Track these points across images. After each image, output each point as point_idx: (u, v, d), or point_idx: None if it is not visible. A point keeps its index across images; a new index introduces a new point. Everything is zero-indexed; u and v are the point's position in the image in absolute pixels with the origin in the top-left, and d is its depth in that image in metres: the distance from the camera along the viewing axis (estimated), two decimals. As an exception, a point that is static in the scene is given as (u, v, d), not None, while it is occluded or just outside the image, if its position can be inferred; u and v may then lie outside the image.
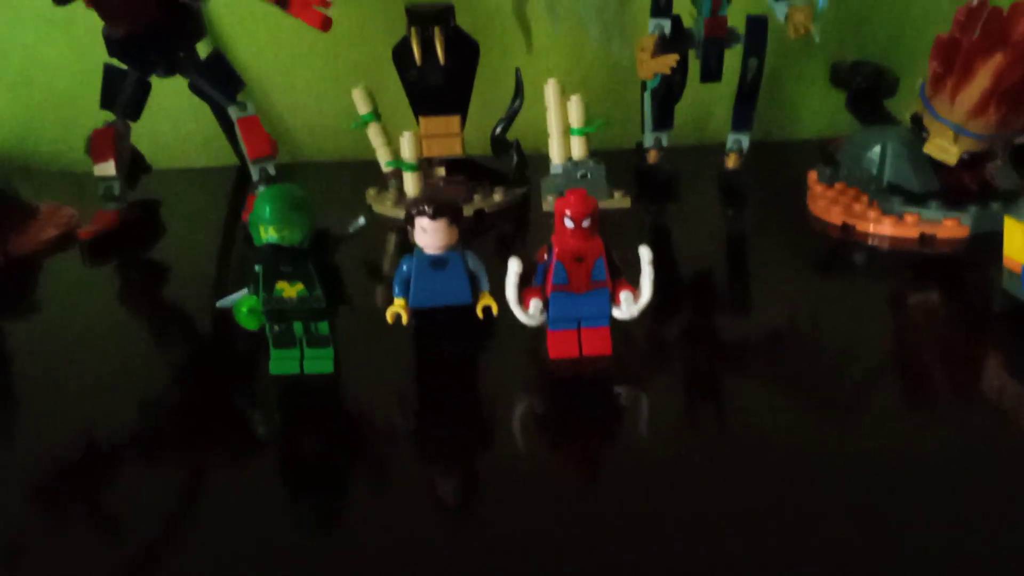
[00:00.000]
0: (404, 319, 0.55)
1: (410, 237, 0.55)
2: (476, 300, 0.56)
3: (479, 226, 0.80)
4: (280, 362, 0.55)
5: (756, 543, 0.40)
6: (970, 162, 0.72)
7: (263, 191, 0.51)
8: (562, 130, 0.81)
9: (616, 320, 0.55)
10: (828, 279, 0.70)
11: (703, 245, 0.76)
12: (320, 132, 1.04)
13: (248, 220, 0.54)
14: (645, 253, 0.53)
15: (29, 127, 1.03)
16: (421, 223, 0.53)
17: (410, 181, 0.83)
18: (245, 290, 0.54)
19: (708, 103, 0.99)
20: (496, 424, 0.51)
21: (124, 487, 0.46)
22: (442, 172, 0.84)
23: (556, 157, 0.82)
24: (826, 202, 0.77)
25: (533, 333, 0.56)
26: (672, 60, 0.76)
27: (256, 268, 0.52)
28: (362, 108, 0.83)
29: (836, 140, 0.84)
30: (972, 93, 0.68)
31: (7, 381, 0.59)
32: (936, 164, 0.73)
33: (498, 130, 0.84)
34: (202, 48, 0.82)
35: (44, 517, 0.44)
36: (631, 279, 0.54)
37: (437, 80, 0.80)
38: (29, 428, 0.53)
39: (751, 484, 0.44)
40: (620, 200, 0.82)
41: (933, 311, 0.64)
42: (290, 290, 0.52)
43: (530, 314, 0.54)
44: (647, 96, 0.85)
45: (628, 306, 0.54)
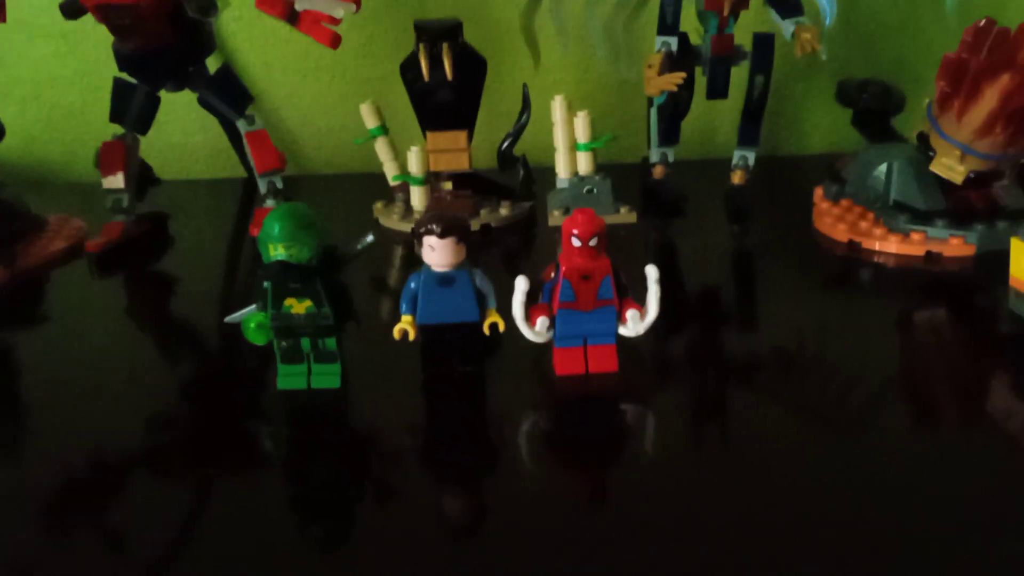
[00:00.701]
0: (411, 335, 0.55)
1: (417, 253, 0.55)
2: (483, 317, 0.56)
3: (485, 240, 0.80)
4: (288, 377, 0.55)
5: (764, 563, 0.40)
6: (976, 181, 0.72)
7: (273, 210, 0.51)
8: (568, 145, 0.81)
9: (622, 337, 0.55)
10: (833, 296, 0.70)
11: (708, 260, 0.77)
12: (328, 146, 1.04)
13: (256, 235, 0.54)
14: (652, 272, 0.53)
15: (38, 140, 1.04)
16: (429, 241, 0.53)
17: (417, 195, 0.83)
18: (253, 306, 0.54)
19: (714, 118, 1.00)
20: (502, 440, 0.51)
21: (131, 501, 0.47)
22: (449, 186, 0.84)
23: (562, 172, 0.82)
24: (832, 219, 0.77)
25: (540, 350, 0.56)
26: (679, 78, 0.77)
27: (265, 285, 0.52)
28: (370, 123, 0.84)
29: (842, 157, 0.84)
30: (979, 113, 0.68)
31: (15, 394, 0.59)
32: (942, 182, 0.73)
33: (505, 145, 0.84)
34: (211, 62, 0.82)
35: (52, 533, 0.44)
36: (637, 295, 0.54)
37: (445, 95, 0.81)
38: (37, 441, 0.53)
39: (758, 503, 0.44)
40: (626, 215, 0.82)
41: (939, 330, 0.64)
42: (298, 307, 0.53)
43: (537, 331, 0.54)
44: (654, 112, 0.85)
45: (634, 324, 0.54)
